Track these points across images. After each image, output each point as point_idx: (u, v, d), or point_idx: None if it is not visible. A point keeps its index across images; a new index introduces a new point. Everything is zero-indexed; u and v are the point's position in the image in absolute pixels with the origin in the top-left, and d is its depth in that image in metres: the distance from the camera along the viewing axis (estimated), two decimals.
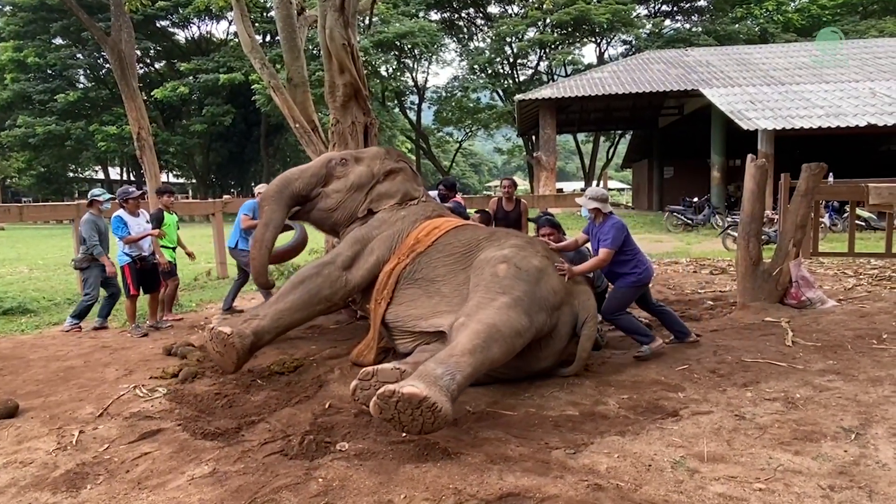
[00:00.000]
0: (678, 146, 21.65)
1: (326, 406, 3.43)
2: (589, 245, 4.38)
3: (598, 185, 30.09)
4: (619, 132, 31.15)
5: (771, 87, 16.37)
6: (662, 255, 10.05)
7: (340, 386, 3.75)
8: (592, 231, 4.24)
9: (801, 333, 4.45)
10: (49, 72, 29.58)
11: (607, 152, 33.62)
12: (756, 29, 27.46)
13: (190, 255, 6.35)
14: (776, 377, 3.58)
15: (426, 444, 2.83)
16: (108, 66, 24.70)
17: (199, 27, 32.76)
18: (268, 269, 4.64)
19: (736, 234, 10.89)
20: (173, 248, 6.09)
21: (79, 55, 29.91)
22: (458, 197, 6.50)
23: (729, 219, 12.63)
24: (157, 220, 5.85)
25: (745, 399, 3.29)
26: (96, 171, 38.59)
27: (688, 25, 29.77)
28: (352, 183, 4.67)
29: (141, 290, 5.58)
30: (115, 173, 39.42)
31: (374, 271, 4.25)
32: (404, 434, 2.90)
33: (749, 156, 5.32)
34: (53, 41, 29.66)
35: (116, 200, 5.58)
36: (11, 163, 32.80)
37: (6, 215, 8.49)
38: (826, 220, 12.13)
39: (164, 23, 31.34)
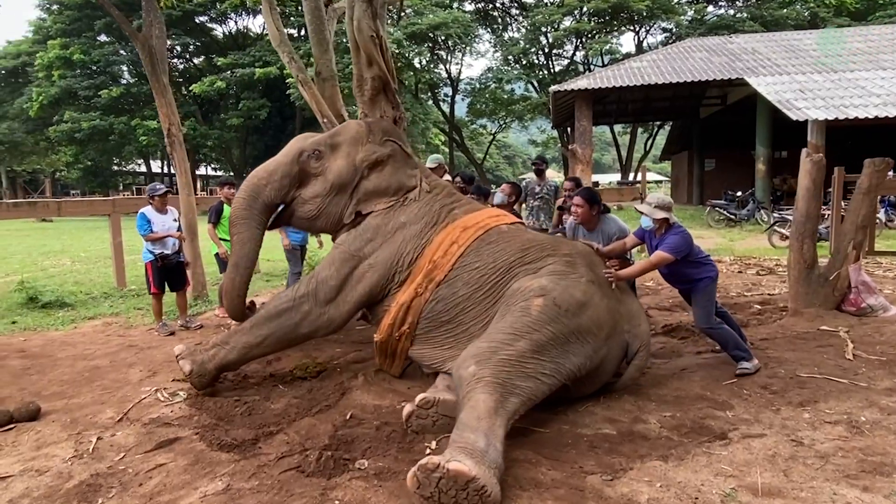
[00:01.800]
0: (720, 137, 20.85)
1: (348, 417, 3.28)
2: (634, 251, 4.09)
3: (635, 177, 29.37)
4: (658, 123, 30.24)
5: (822, 75, 15.52)
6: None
7: (363, 394, 3.60)
8: (650, 239, 3.85)
9: (863, 345, 4.09)
10: (93, 68, 30.33)
11: (645, 144, 32.73)
12: (806, 13, 26.17)
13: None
14: (836, 396, 3.26)
15: None
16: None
17: (235, 22, 33.16)
18: (244, 302, 3.94)
19: (783, 231, 10.44)
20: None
21: (122, 51, 30.61)
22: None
23: (775, 214, 12.02)
24: (217, 212, 5.87)
25: (802, 421, 3.00)
26: (139, 165, 39.64)
27: (732, 11, 28.59)
28: (331, 184, 3.90)
29: (167, 288, 5.54)
30: (156, 167, 40.44)
31: (366, 302, 3.70)
32: (428, 452, 2.73)
33: (804, 150, 4.93)
34: (98, 38, 30.43)
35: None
36: (60, 157, 33.89)
37: (45, 210, 8.68)
38: (882, 215, 11.42)
39: (202, 18, 31.79)
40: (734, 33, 22.44)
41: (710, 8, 28.95)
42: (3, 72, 33.49)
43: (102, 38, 30.63)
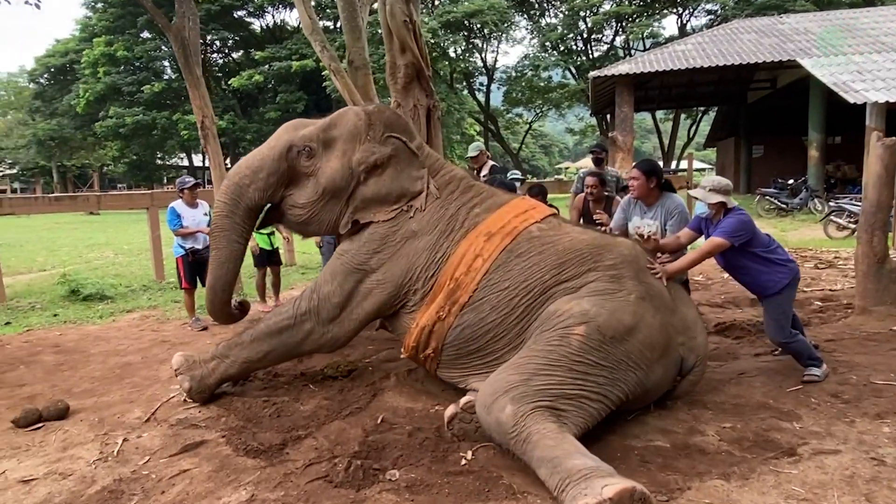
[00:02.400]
0: (769, 123, 19.91)
1: (379, 421, 3.11)
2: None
3: (677, 165, 28.44)
4: (702, 109, 29.17)
5: (882, 55, 14.58)
6: None
7: (395, 396, 3.43)
8: (706, 228, 3.43)
9: None
10: (136, 64, 31.10)
11: (688, 130, 31.65)
12: None
13: (287, 239, 6.42)
14: None
15: (488, 479, 2.45)
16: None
17: (272, 16, 33.45)
18: (228, 311, 3.67)
19: (840, 221, 9.83)
20: (269, 234, 5.96)
21: (163, 47, 31.24)
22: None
23: (831, 203, 11.33)
24: None
25: (881, 435, 2.68)
26: (181, 159, 40.56)
27: None
28: (324, 189, 3.39)
29: (199, 283, 5.49)
30: (198, 160, 41.34)
31: (375, 318, 3.39)
32: (464, 464, 2.54)
33: (875, 133, 4.51)
34: (140, 35, 31.14)
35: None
36: (107, 151, 34.94)
37: (86, 204, 8.82)
38: None
39: (240, 13, 32.18)
40: (784, 13, 21.34)
41: None
42: (52, 70, 34.68)
43: (145, 34, 31.33)
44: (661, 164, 31.02)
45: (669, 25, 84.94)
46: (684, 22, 28.13)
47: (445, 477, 2.50)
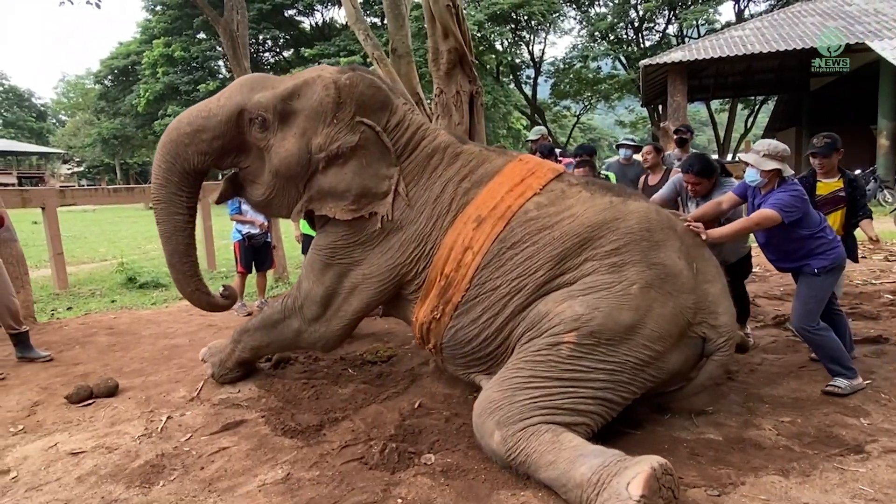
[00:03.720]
0: (834, 111, 18.86)
1: (416, 405, 3.06)
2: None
3: (733, 157, 27.33)
4: (761, 98, 27.90)
5: None
6: None
7: (434, 382, 3.38)
8: (752, 197, 3.12)
9: None
10: (193, 64, 32.20)
11: (745, 121, 30.34)
12: None
13: None
14: None
15: None
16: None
17: (321, 14, 33.98)
18: (206, 295, 3.36)
19: None
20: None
21: (217, 48, 32.27)
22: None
23: None
24: None
25: None
26: None
27: None
28: (276, 171, 2.96)
29: (254, 268, 5.60)
30: None
31: (367, 313, 3.14)
32: None
33: None
34: (196, 36, 32.25)
35: None
36: None
37: (142, 195, 9.20)
38: None
39: (290, 12, 32.86)
40: None
41: None
42: (115, 71, 36.28)
43: (200, 35, 32.41)
44: (716, 156, 29.97)
45: (726, 12, 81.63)
46: (742, 7, 26.95)
47: (482, 463, 2.43)
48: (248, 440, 2.78)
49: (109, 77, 37.26)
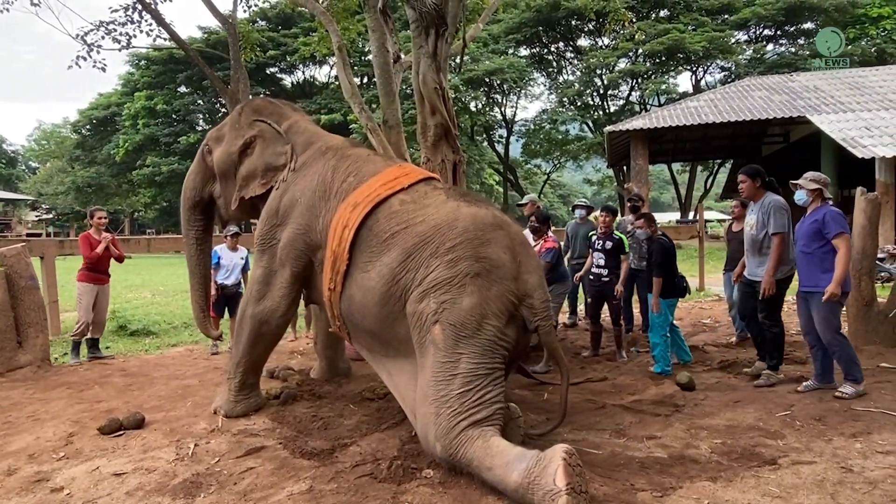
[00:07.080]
0: (785, 175, 20.03)
1: (412, 434, 3.55)
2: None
3: (695, 215, 28.81)
4: (718, 161, 29.81)
5: (890, 112, 15.13)
6: None
7: None
8: (802, 224, 3.93)
9: None
10: (174, 117, 32.94)
11: (705, 182, 32.20)
12: (872, 50, 25.52)
13: None
14: (891, 429, 3.31)
15: None
16: (224, 110, 27.16)
17: (303, 72, 35.30)
18: (208, 319, 4.61)
19: None
20: None
21: (199, 101, 33.17)
22: (551, 236, 5.54)
23: None
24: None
25: (853, 451, 3.07)
26: None
27: (793, 49, 28.20)
28: (218, 175, 4.21)
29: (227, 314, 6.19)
30: None
31: (299, 287, 3.76)
32: None
33: (859, 189, 5.00)
34: (178, 90, 33.11)
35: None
36: (139, 198, 36.52)
37: (137, 246, 9.55)
38: None
39: (272, 69, 34.11)
40: (795, 71, 22.13)
41: (770, 47, 28.66)
42: (94, 121, 36.74)
43: (182, 89, 33.27)
44: (679, 214, 31.34)
45: (684, 82, 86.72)
46: (698, 79, 29.12)
47: (471, 477, 2.93)
48: (272, 461, 3.23)
49: (87, 126, 37.61)
